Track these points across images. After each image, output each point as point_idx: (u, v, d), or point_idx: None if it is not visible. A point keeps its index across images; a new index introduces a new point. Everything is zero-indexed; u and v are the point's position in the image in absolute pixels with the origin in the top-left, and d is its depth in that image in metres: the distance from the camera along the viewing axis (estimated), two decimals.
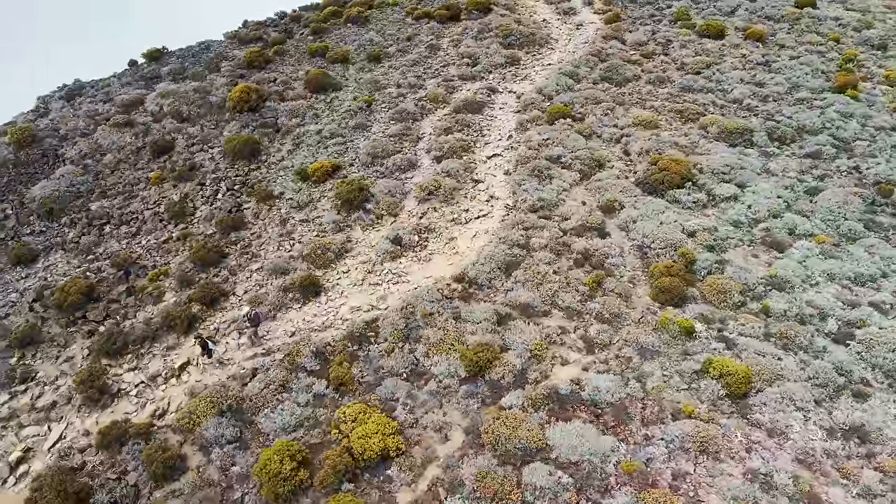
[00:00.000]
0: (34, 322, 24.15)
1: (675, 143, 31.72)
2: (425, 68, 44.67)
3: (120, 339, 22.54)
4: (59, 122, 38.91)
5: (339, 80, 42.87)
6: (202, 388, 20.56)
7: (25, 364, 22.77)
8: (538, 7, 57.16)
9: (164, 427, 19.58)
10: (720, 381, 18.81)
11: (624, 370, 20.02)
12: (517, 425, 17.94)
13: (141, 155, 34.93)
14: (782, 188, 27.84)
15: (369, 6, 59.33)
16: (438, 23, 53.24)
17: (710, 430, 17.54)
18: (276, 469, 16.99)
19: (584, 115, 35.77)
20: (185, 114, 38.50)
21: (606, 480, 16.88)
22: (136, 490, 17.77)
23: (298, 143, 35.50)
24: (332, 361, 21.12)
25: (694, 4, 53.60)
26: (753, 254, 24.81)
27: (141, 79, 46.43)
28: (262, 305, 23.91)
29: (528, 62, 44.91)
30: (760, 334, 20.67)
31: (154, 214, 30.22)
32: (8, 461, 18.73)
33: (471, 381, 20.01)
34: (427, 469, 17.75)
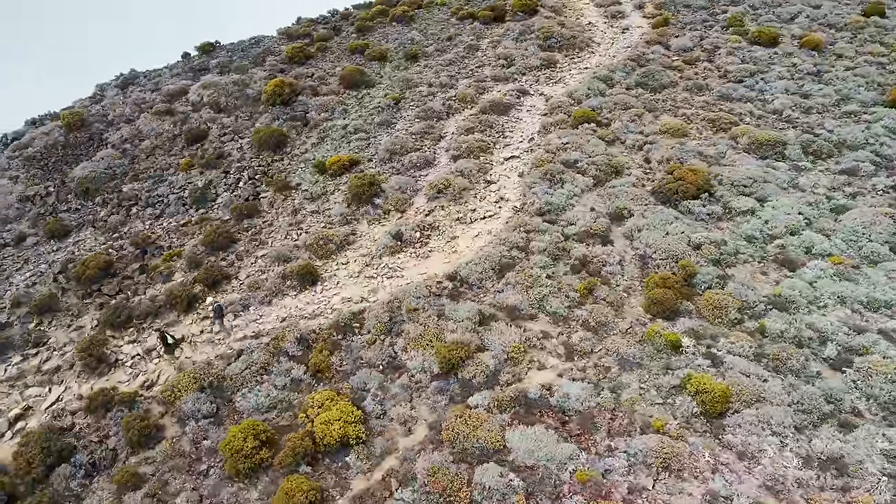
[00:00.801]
0: (55, 292, 26.17)
1: (699, 153, 30.83)
2: (460, 68, 45.14)
3: (125, 313, 24.13)
4: (109, 108, 41.80)
5: (374, 78, 43.95)
6: (190, 365, 21.73)
7: (41, 330, 24.75)
8: (587, 10, 56.56)
9: (150, 398, 20.85)
10: (696, 399, 18.27)
11: (600, 379, 19.76)
12: (478, 425, 18.07)
13: (176, 142, 37.06)
14: (805, 204, 26.57)
15: (418, 6, 60.54)
16: (482, 23, 53.65)
17: (676, 447, 17.09)
18: (238, 446, 17.83)
19: (611, 121, 35.27)
20: (223, 105, 40.52)
21: (559, 487, 16.75)
22: (115, 454, 19.04)
23: (323, 137, 36.71)
24: (315, 349, 21.86)
25: (752, 10, 51.62)
26: (763, 271, 23.85)
27: (190, 70, 49.14)
28: (259, 290, 24.99)
29: (565, 65, 44.58)
30: (750, 354, 19.89)
31: (178, 199, 32.04)
32: (8, 417, 20.49)
33: (443, 378, 20.27)
34: (385, 460, 18.15)
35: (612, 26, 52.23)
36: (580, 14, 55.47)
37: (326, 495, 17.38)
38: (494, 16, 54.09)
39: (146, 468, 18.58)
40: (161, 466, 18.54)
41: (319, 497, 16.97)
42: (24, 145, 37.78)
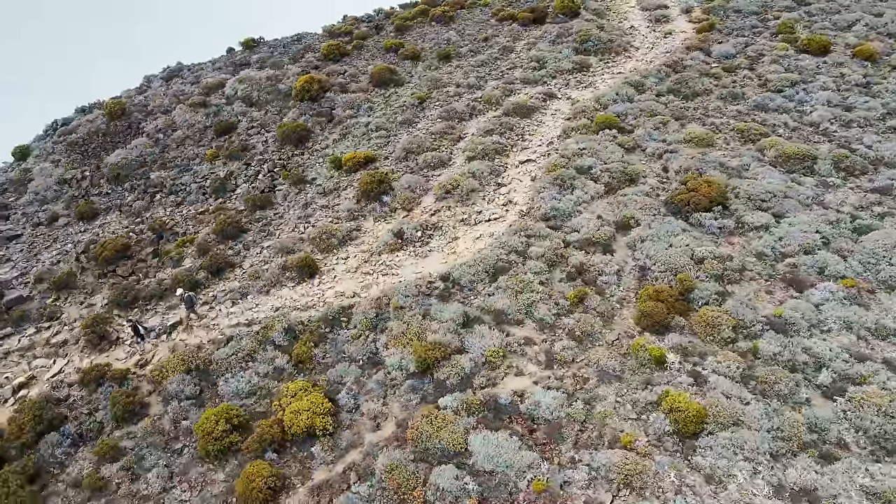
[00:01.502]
0: (74, 270, 27.87)
1: (720, 164, 29.86)
2: (491, 69, 45.20)
3: (132, 294, 25.47)
4: (150, 98, 44.03)
5: (403, 77, 44.57)
6: (183, 347, 22.74)
7: (57, 305, 26.43)
8: (631, 14, 55.53)
9: (142, 376, 21.95)
10: (669, 417, 17.81)
11: (576, 390, 19.51)
12: (442, 426, 18.19)
13: (206, 133, 38.70)
14: (825, 222, 25.33)
15: (461, 6, 60.96)
16: (521, 25, 53.54)
17: (641, 464, 16.74)
18: (210, 428, 18.59)
19: (634, 128, 34.58)
20: (255, 99, 42.02)
21: (514, 495, 16.70)
22: (101, 426, 20.17)
23: (346, 134, 37.53)
24: (300, 340, 22.46)
25: (807, 17, 49.40)
26: (768, 290, 22.92)
27: (231, 65, 51.13)
28: (258, 280, 25.85)
29: (598, 69, 43.94)
30: (737, 375, 19.19)
31: (199, 188, 33.49)
32: (13, 384, 22.01)
33: (418, 377, 20.48)
34: (349, 453, 18.52)
35: (654, 31, 51.11)
36: (623, 17, 54.52)
37: (288, 483, 17.90)
38: (534, 17, 53.83)
39: (127, 442, 19.60)
40: (140, 442, 19.53)
41: (279, 483, 17.50)
42: (69, 131, 40.32)
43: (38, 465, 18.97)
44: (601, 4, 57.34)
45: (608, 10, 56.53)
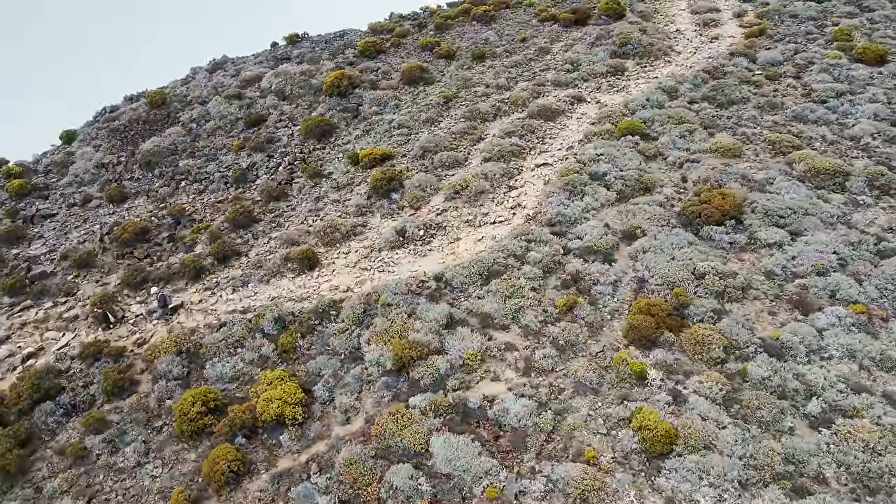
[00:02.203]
0: (96, 250, 29.52)
1: (742, 176, 28.68)
2: (523, 71, 44.88)
3: (141, 276, 26.77)
4: (191, 89, 46.00)
5: (435, 76, 44.84)
6: (179, 329, 23.74)
7: (75, 282, 28.08)
8: (679, 17, 53.88)
9: (138, 355, 23.05)
10: (638, 434, 17.33)
11: (549, 400, 19.26)
12: (406, 425, 18.34)
13: (237, 125, 40.13)
14: (845, 243, 23.93)
15: (505, 5, 60.70)
16: (562, 26, 52.87)
17: (601, 480, 16.41)
18: (186, 409, 19.38)
19: (659, 135, 33.62)
20: (287, 93, 43.24)
21: (468, 500, 16.68)
22: (93, 399, 21.35)
23: (369, 130, 38.13)
24: (289, 330, 23.05)
25: (868, 24, 46.66)
26: (772, 310, 21.89)
27: (273, 59, 52.73)
28: (260, 269, 26.65)
29: (634, 74, 42.90)
30: (719, 397, 18.43)
31: (222, 177, 34.79)
32: (22, 354, 23.56)
33: (394, 375, 20.67)
34: (315, 444, 18.91)
35: (700, 34, 49.40)
36: (670, 21, 52.96)
37: (252, 468, 18.45)
38: (576, 19, 53.03)
39: (113, 416, 20.66)
40: (125, 417, 20.55)
41: (243, 468, 18.05)
42: (113, 118, 42.65)
43: (31, 431, 20.25)
44: (649, 6, 55.91)
45: (656, 12, 55.06)
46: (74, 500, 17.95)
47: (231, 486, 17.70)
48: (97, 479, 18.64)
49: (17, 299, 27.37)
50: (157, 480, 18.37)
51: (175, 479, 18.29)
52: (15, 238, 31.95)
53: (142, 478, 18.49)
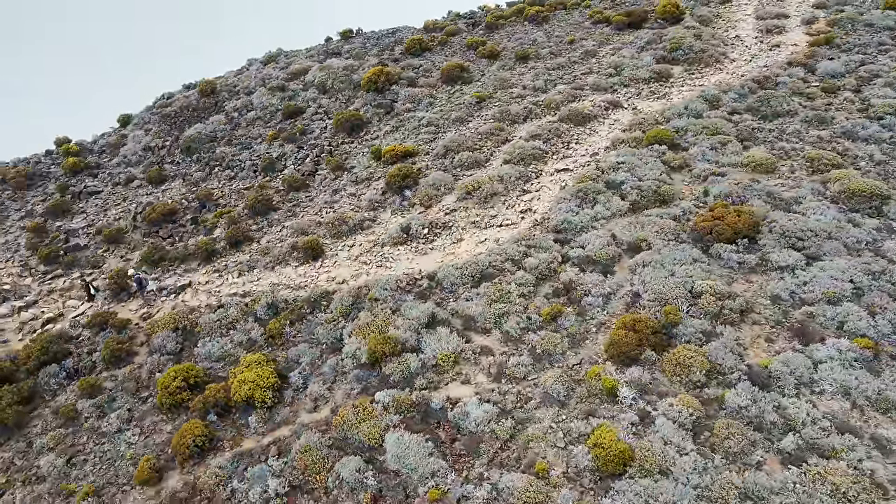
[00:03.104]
0: (127, 228, 31.51)
1: (769, 194, 27.19)
2: (564, 73, 44.18)
3: (159, 254, 28.38)
4: (240, 80, 48.10)
5: (474, 75, 44.87)
6: (183, 307, 25.05)
7: (103, 256, 30.09)
8: (742, 23, 51.43)
9: (140, 328, 24.49)
10: (592, 452, 16.91)
11: (514, 408, 19.07)
12: (365, 419, 18.67)
13: (276, 116, 41.67)
14: (865, 272, 22.23)
15: (562, 6, 59.90)
16: (614, 29, 51.70)
17: (545, 494, 16.18)
18: (167, 383, 20.48)
19: (690, 145, 32.33)
20: (328, 87, 44.46)
21: (411, 499, 16.81)
22: (93, 366, 22.89)
23: (398, 127, 38.67)
24: (279, 316, 23.85)
25: None
26: (769, 338, 20.71)
27: (324, 53, 54.28)
28: (266, 256, 27.67)
29: (679, 80, 41.38)
30: (688, 422, 17.66)
31: (252, 165, 36.26)
32: (43, 318, 25.53)
33: (367, 369, 21.02)
34: (280, 429, 19.54)
35: (761, 42, 46.98)
36: (731, 26, 50.63)
37: (219, 444, 19.28)
38: (630, 21, 51.63)
39: (108, 383, 22.09)
40: (118, 385, 21.93)
41: (208, 444, 18.89)
42: (166, 104, 45.25)
43: (34, 390, 21.97)
44: (711, 11, 53.67)
45: (718, 17, 52.81)
46: (56, 457, 19.38)
47: (195, 459, 18.58)
48: (81, 440, 20.03)
49: (50, 268, 29.68)
50: (131, 447, 19.53)
51: (148, 448, 19.38)
52: (60, 211, 34.59)
53: (119, 443, 19.72)
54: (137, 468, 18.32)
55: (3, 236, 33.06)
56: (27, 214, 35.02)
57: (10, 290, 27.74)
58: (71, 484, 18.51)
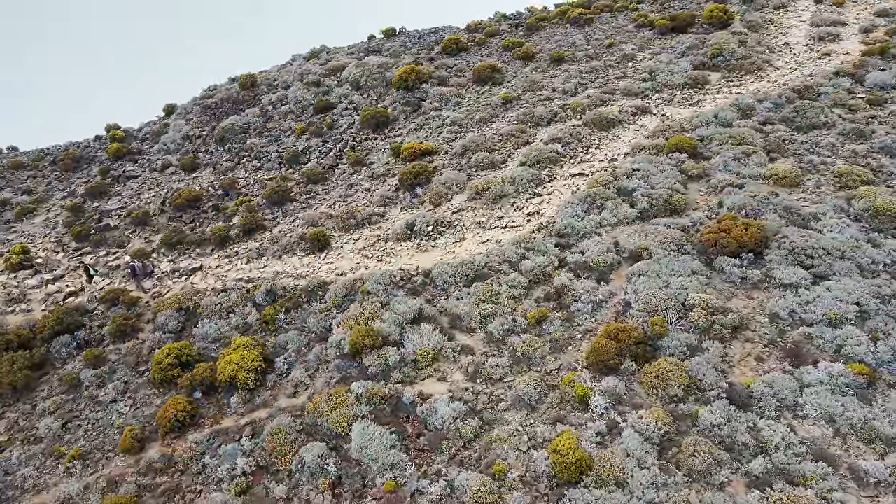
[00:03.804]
0: (154, 212, 33.17)
1: (786, 208, 26.05)
2: (597, 77, 43.49)
3: (178, 238, 29.76)
4: (281, 74, 49.63)
5: (506, 76, 44.77)
6: (190, 288, 26.23)
7: (129, 237, 31.80)
8: (795, 29, 49.22)
9: (150, 306, 25.79)
10: (550, 458, 16.80)
11: (485, 409, 19.13)
12: (336, 408, 19.14)
13: (308, 110, 42.82)
14: (874, 295, 21.02)
15: (609, 9, 58.89)
16: (657, 33, 50.43)
17: (497, 496, 16.25)
18: (160, 360, 21.56)
19: (713, 155, 31.31)
20: (362, 84, 45.34)
21: (367, 488, 17.17)
22: (102, 339, 24.29)
23: (423, 125, 39.06)
24: (276, 303, 24.64)
25: None
26: (760, 357, 19.92)
27: (364, 51, 55.27)
28: (275, 245, 28.57)
29: (716, 87, 40.06)
30: (655, 437, 17.25)
31: (278, 156, 37.45)
32: (66, 291, 27.26)
33: (348, 359, 21.47)
34: (258, 411, 20.25)
35: (811, 49, 44.83)
36: (782, 33, 48.50)
37: (200, 421, 20.17)
38: (673, 26, 50.21)
39: (112, 356, 23.43)
40: (121, 358, 23.21)
41: (189, 419, 19.79)
42: (209, 95, 47.25)
43: (46, 357, 23.53)
44: (763, 16, 51.55)
45: (770, 23, 50.67)
46: (54, 421, 20.73)
47: (175, 433, 19.50)
48: (79, 406, 21.36)
49: (80, 245, 31.62)
50: (122, 417, 20.68)
51: (136, 419, 20.46)
52: (99, 193, 36.76)
53: (112, 413, 20.90)
54: (121, 437, 19.38)
55: (46, 213, 35.43)
56: (69, 195, 37.39)
57: (42, 263, 29.74)
58: (63, 447, 19.77)
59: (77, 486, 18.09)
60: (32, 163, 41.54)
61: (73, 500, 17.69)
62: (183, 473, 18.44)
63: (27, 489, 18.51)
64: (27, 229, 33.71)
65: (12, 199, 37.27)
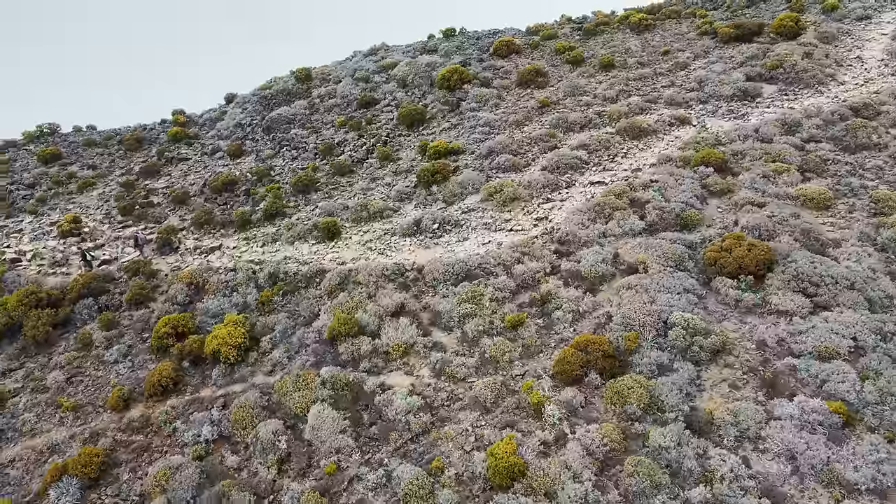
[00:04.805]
0: (194, 193, 35.38)
1: (804, 231, 24.46)
2: (643, 85, 42.17)
3: (206, 218, 31.65)
4: (336, 69, 51.30)
5: (550, 80, 44.25)
6: (205, 265, 27.91)
7: (167, 214, 34.09)
8: (872, 42, 45.64)
9: (168, 278, 27.63)
10: (487, 461, 16.82)
11: (441, 406, 19.35)
12: (301, 388, 19.94)
13: (351, 104, 44.12)
14: (875, 331, 19.41)
15: (677, 15, 56.80)
16: (720, 42, 48.16)
17: (428, 491, 16.47)
18: (158, 328, 23.17)
19: (742, 171, 29.76)
20: (408, 81, 46.17)
21: (310, 468, 17.83)
22: (120, 304, 26.31)
23: (457, 125, 39.35)
24: (276, 286, 25.78)
25: None
26: (735, 384, 18.93)
27: (420, 49, 56.02)
28: (290, 231, 29.78)
29: (767, 100, 37.91)
30: (599, 452, 16.85)
31: (314, 147, 38.90)
32: (101, 259, 29.66)
33: (327, 345, 22.21)
34: (235, 385, 21.40)
35: (886, 65, 41.42)
36: (858, 46, 45.07)
37: (182, 388, 21.57)
38: (737, 35, 47.72)
39: (125, 321, 25.36)
40: (131, 324, 25.08)
41: (172, 385, 21.20)
42: (267, 87, 49.59)
43: (70, 317, 25.78)
44: (840, 27, 48.04)
45: (846, 34, 47.20)
46: (61, 374, 22.79)
47: (157, 397, 20.95)
48: (85, 364, 23.32)
49: (124, 219, 34.26)
50: (119, 377, 22.41)
51: (130, 381, 22.13)
52: (151, 172, 39.60)
53: (110, 373, 22.68)
54: (110, 395, 21.04)
55: (103, 188, 38.59)
56: (126, 172, 40.50)
57: (89, 232, 32.50)
58: (63, 398, 21.70)
59: (64, 435, 19.89)
60: (103, 141, 45.28)
61: (58, 447, 19.49)
62: (156, 434, 19.82)
63: (25, 433, 20.53)
64: (84, 201, 36.88)
65: (78, 172, 40.86)
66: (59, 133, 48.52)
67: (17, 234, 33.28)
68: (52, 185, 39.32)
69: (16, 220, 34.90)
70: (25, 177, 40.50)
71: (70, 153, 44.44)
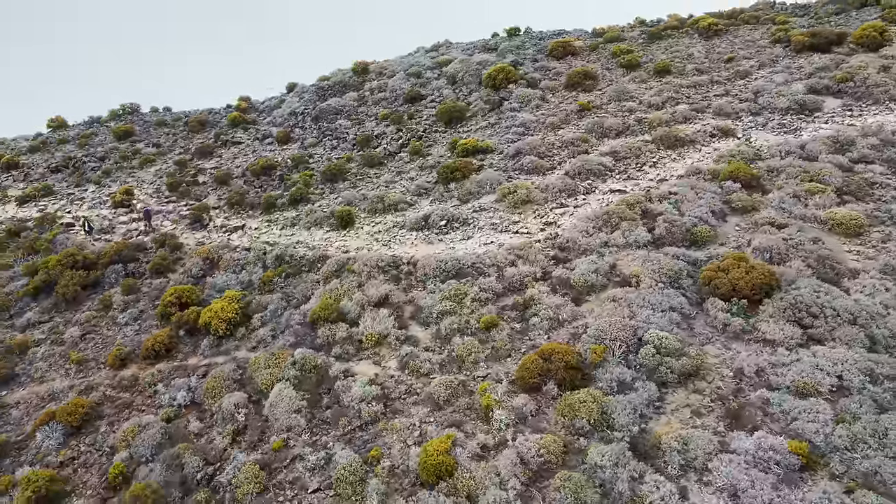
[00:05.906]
0: (237, 175, 37.36)
1: (820, 258, 22.57)
2: (695, 92, 40.11)
3: (238, 199, 33.38)
4: (394, 64, 52.27)
5: (599, 84, 43.01)
6: (224, 242, 29.51)
7: (208, 193, 36.22)
8: None
9: (191, 251, 29.44)
10: (420, 455, 16.92)
11: (397, 399, 19.60)
12: (272, 366, 20.79)
13: (398, 99, 44.84)
14: (866, 372, 17.62)
15: (755, 21, 53.58)
16: (793, 50, 44.90)
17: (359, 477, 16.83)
18: (165, 297, 24.81)
19: (772, 189, 27.78)
20: (458, 79, 46.31)
21: (261, 442, 18.62)
22: (143, 273, 28.35)
23: (494, 124, 39.12)
24: (279, 268, 26.88)
25: None
26: (699, 411, 17.87)
27: (480, 48, 55.99)
28: (307, 218, 30.84)
29: (826, 115, 35.03)
30: (535, 463, 16.50)
31: (353, 138, 39.91)
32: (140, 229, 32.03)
33: (308, 328, 22.96)
34: (218, 357, 22.60)
35: None
36: None
37: (174, 354, 23.01)
38: (812, 44, 44.25)
39: (143, 288, 27.32)
40: (148, 291, 26.99)
41: (164, 350, 22.68)
42: (327, 78, 51.33)
43: (100, 280, 28.09)
44: None
45: None
46: (78, 330, 24.92)
47: (150, 360, 22.50)
48: (101, 323, 25.37)
49: (171, 195, 36.76)
50: (124, 339, 24.23)
51: (132, 343, 23.86)
52: (206, 153, 42.16)
53: (118, 334, 24.55)
54: (109, 354, 22.81)
55: (161, 164, 41.55)
56: (184, 151, 43.34)
57: (136, 204, 35.20)
58: (74, 352, 23.75)
59: (65, 384, 21.82)
60: (172, 122, 48.68)
61: (56, 395, 21.43)
62: (140, 394, 21.31)
63: (34, 380, 22.70)
64: (142, 175, 39.88)
65: (143, 149, 44.22)
66: (138, 112, 52.62)
67: (80, 202, 36.50)
68: (119, 159, 42.78)
69: (82, 189, 38.33)
70: (99, 150, 44.31)
71: (142, 132, 48.13)
